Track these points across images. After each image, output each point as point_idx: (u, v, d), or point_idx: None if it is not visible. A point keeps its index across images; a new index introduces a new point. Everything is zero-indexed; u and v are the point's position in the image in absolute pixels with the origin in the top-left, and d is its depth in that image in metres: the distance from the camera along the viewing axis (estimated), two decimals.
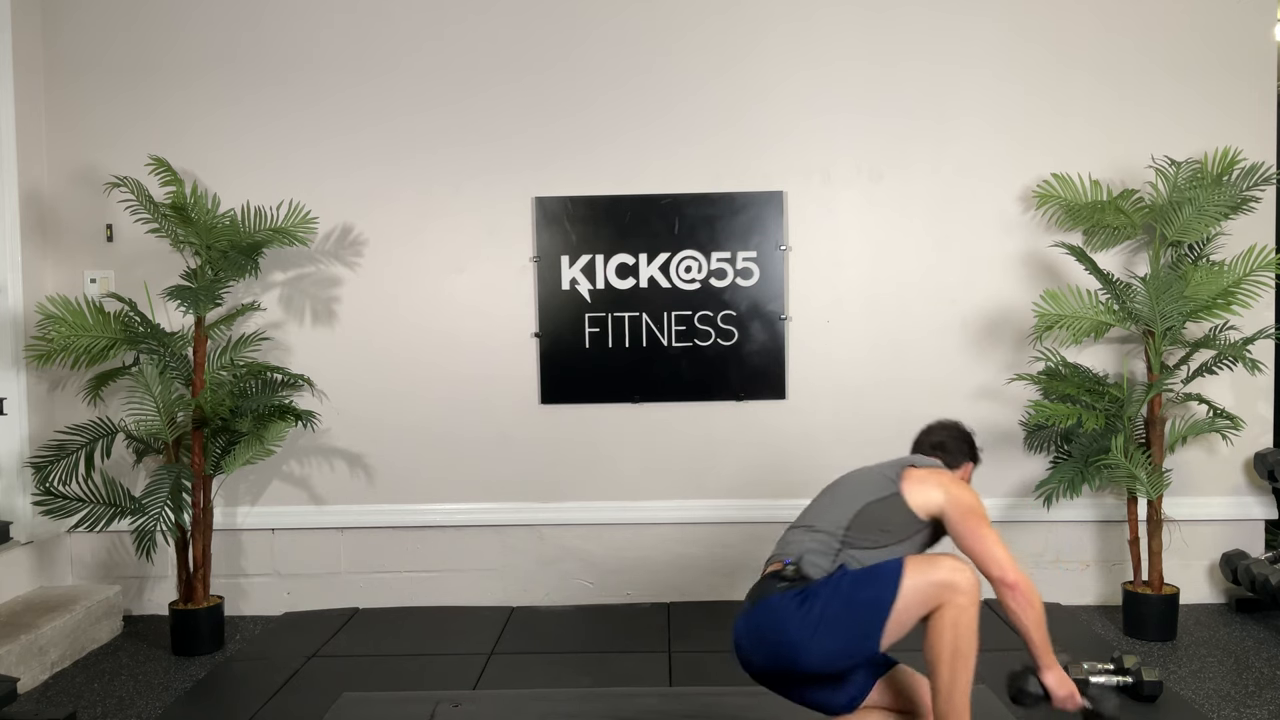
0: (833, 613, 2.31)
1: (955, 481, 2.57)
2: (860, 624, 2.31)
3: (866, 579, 2.35)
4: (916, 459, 2.71)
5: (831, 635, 2.31)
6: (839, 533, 2.49)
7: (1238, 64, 4.16)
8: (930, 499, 2.52)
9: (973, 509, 2.47)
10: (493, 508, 4.34)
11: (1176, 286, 3.71)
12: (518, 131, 4.27)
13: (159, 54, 4.26)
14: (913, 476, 2.57)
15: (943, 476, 2.59)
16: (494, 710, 3.04)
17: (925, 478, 2.57)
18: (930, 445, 2.84)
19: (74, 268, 4.28)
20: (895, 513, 2.52)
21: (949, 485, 2.54)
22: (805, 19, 4.22)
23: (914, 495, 2.53)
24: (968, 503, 2.49)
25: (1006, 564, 2.36)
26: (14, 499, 4.05)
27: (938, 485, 2.54)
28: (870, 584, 2.33)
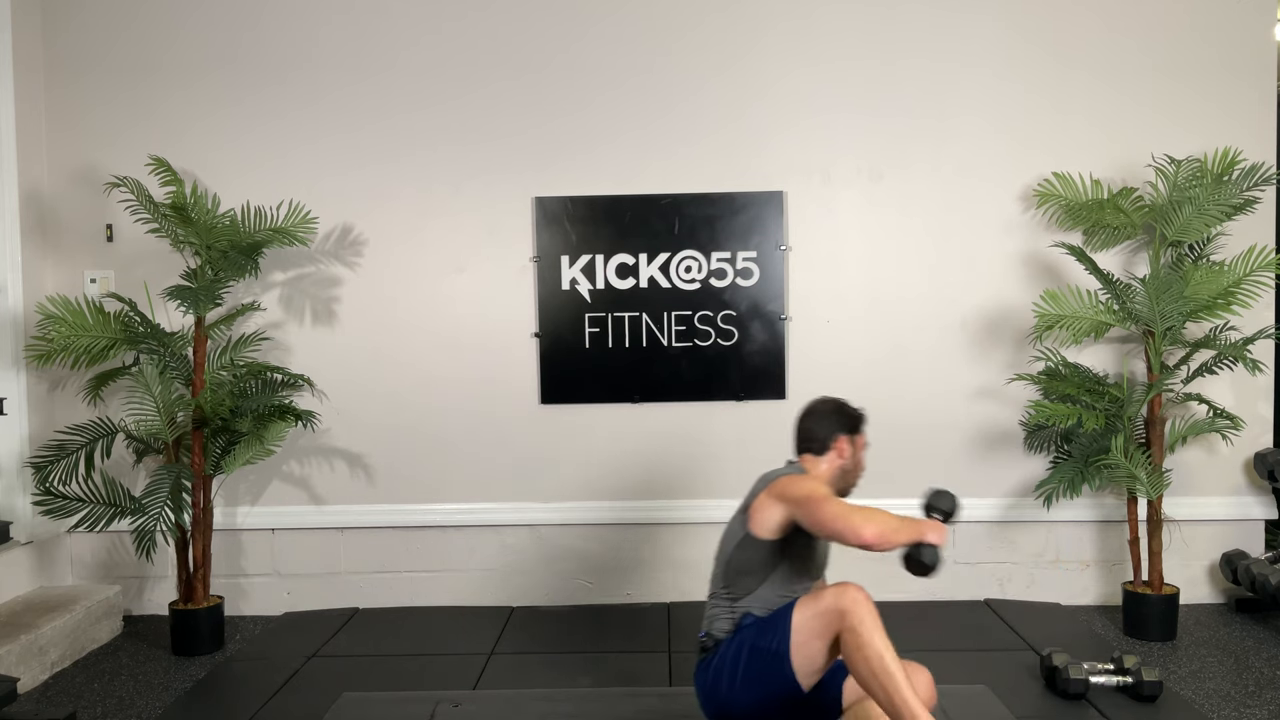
0: (744, 666, 2.45)
1: (791, 482, 2.55)
2: (770, 669, 2.43)
3: (764, 627, 2.47)
4: (771, 475, 2.66)
5: (750, 686, 2.45)
6: (723, 592, 2.61)
7: (1238, 64, 4.16)
8: (771, 519, 2.55)
9: (807, 496, 2.47)
10: (493, 508, 4.34)
11: (1176, 286, 3.71)
12: (517, 131, 4.27)
13: (159, 54, 4.26)
14: (755, 508, 2.59)
15: (776, 486, 2.56)
16: (494, 710, 3.03)
17: (763, 503, 2.57)
18: (800, 441, 2.78)
19: (74, 268, 4.28)
20: (751, 551, 2.57)
21: (784, 490, 2.53)
22: (805, 17, 4.22)
23: (760, 526, 2.57)
24: (801, 494, 2.49)
25: (857, 526, 2.33)
26: (14, 499, 4.05)
27: (773, 500, 2.55)
28: (766, 632, 2.46)
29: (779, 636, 2.42)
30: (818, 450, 2.72)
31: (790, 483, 2.55)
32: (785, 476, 2.59)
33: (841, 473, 2.72)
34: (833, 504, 2.42)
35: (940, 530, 2.43)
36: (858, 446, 2.74)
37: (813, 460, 2.72)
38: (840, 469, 2.71)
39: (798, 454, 2.77)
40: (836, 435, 2.71)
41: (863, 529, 2.33)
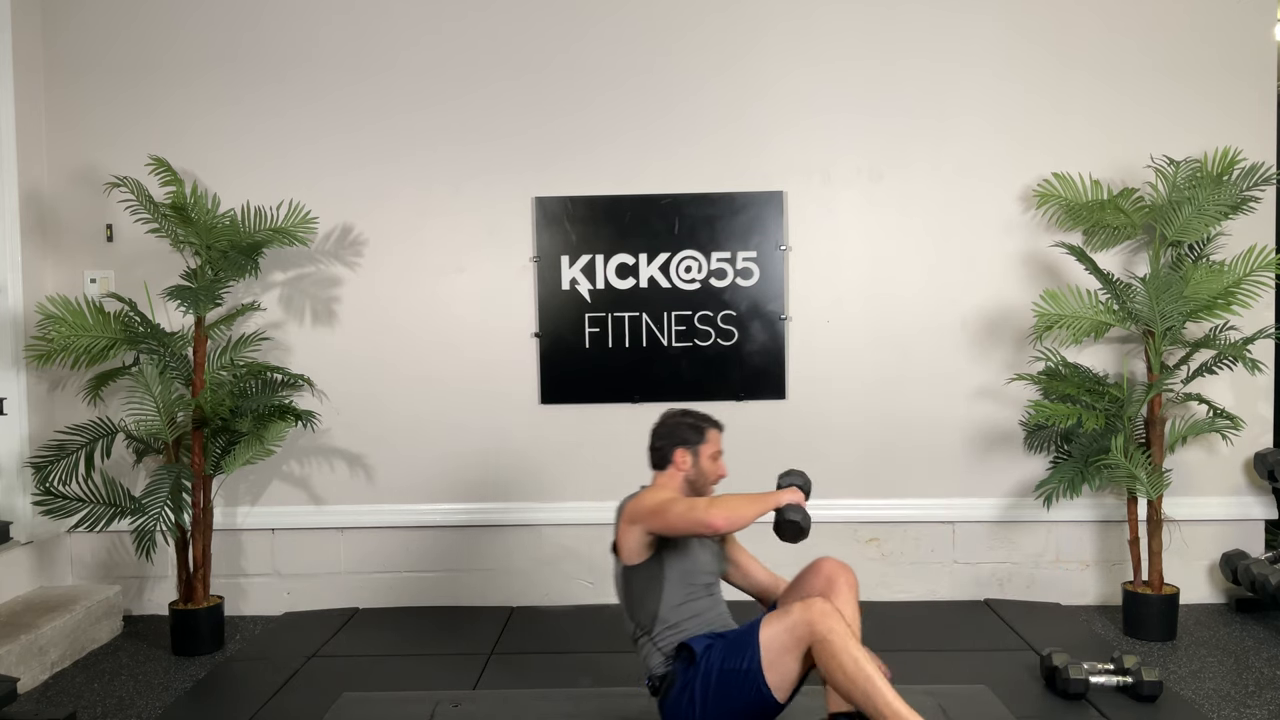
0: (715, 689, 2.49)
1: (636, 502, 2.66)
2: (744, 687, 2.46)
3: (731, 649, 2.51)
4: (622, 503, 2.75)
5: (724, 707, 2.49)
6: (637, 632, 2.70)
7: (1238, 64, 4.16)
8: (632, 543, 2.66)
9: (652, 508, 2.59)
10: (493, 508, 4.34)
11: (1176, 286, 3.71)
12: (517, 131, 4.27)
13: (159, 53, 4.26)
14: (619, 541, 2.71)
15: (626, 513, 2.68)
16: (494, 710, 3.04)
17: (622, 533, 2.69)
18: (651, 456, 2.86)
19: (74, 268, 4.28)
20: (635, 581, 2.69)
21: (633, 512, 2.65)
22: (805, 17, 4.22)
23: (628, 555, 2.69)
24: (646, 508, 2.61)
25: (703, 516, 2.48)
26: (14, 499, 4.05)
27: (627, 526, 2.66)
28: (733, 653, 2.50)
29: (748, 655, 2.47)
30: (661, 465, 2.82)
31: (635, 503, 2.67)
32: (631, 499, 2.70)
33: (688, 484, 2.79)
34: (677, 504, 2.55)
35: (794, 493, 2.60)
36: (702, 455, 2.79)
37: (660, 476, 2.82)
38: (685, 480, 2.79)
39: (652, 470, 2.87)
40: (674, 449, 2.79)
41: (710, 517, 2.47)
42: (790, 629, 2.42)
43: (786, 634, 2.43)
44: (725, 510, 2.48)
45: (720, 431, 2.85)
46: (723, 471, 2.83)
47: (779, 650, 2.44)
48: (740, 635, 2.54)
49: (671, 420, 2.83)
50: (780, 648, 2.43)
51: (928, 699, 2.98)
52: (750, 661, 2.45)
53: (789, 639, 2.43)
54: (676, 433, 2.79)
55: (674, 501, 2.57)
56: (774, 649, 2.44)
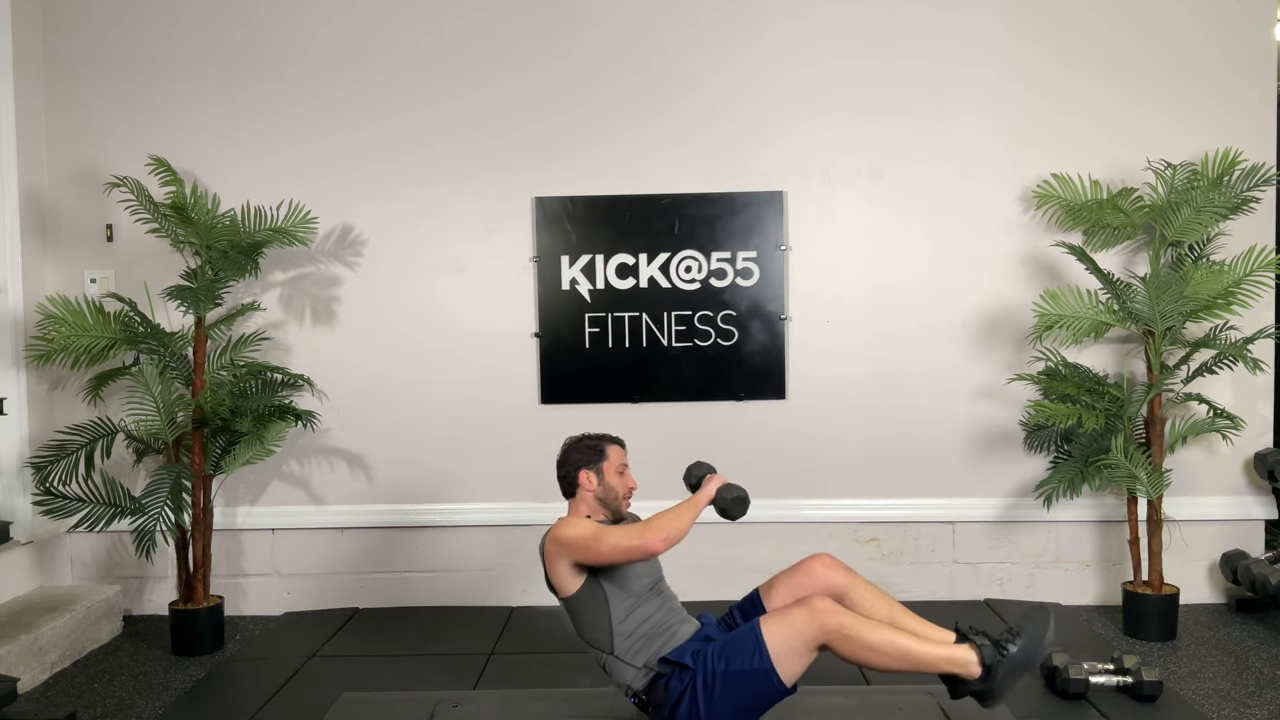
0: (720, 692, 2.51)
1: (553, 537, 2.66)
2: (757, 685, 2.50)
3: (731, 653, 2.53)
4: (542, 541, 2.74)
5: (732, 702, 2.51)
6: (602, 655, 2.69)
7: (1239, 63, 4.16)
8: (562, 574, 2.68)
9: (578, 544, 2.61)
10: (492, 508, 4.34)
11: (1176, 286, 3.71)
12: (517, 131, 4.26)
13: (160, 53, 4.26)
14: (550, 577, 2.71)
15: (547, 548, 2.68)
16: (494, 710, 3.04)
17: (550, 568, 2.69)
18: (560, 485, 2.87)
19: (74, 268, 4.28)
20: (580, 609, 2.69)
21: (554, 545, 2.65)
22: (803, 17, 4.22)
23: (563, 588, 2.69)
24: (568, 539, 2.62)
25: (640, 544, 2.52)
26: (14, 499, 4.05)
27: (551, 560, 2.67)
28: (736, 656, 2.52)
29: (756, 655, 2.49)
30: (570, 493, 2.83)
31: (553, 537, 2.66)
32: (548, 534, 2.69)
33: (600, 503, 2.80)
34: (608, 536, 2.57)
35: (715, 479, 2.70)
36: (607, 472, 2.80)
37: (573, 504, 2.83)
38: (597, 499, 2.80)
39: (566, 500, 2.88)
40: (577, 471, 2.80)
41: (647, 543, 2.51)
42: (799, 633, 2.47)
43: (796, 638, 2.47)
44: (660, 531, 2.52)
45: (622, 447, 2.88)
46: (631, 484, 2.85)
47: (789, 650, 2.48)
48: (740, 639, 2.56)
49: (569, 446, 2.86)
50: (789, 649, 2.48)
51: (928, 699, 2.99)
52: (760, 661, 2.48)
53: (799, 641, 2.47)
54: (575, 457, 2.82)
55: (603, 534, 2.58)
56: (782, 649, 2.48)
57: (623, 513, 2.84)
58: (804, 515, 4.27)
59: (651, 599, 2.74)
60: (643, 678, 2.65)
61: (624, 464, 2.85)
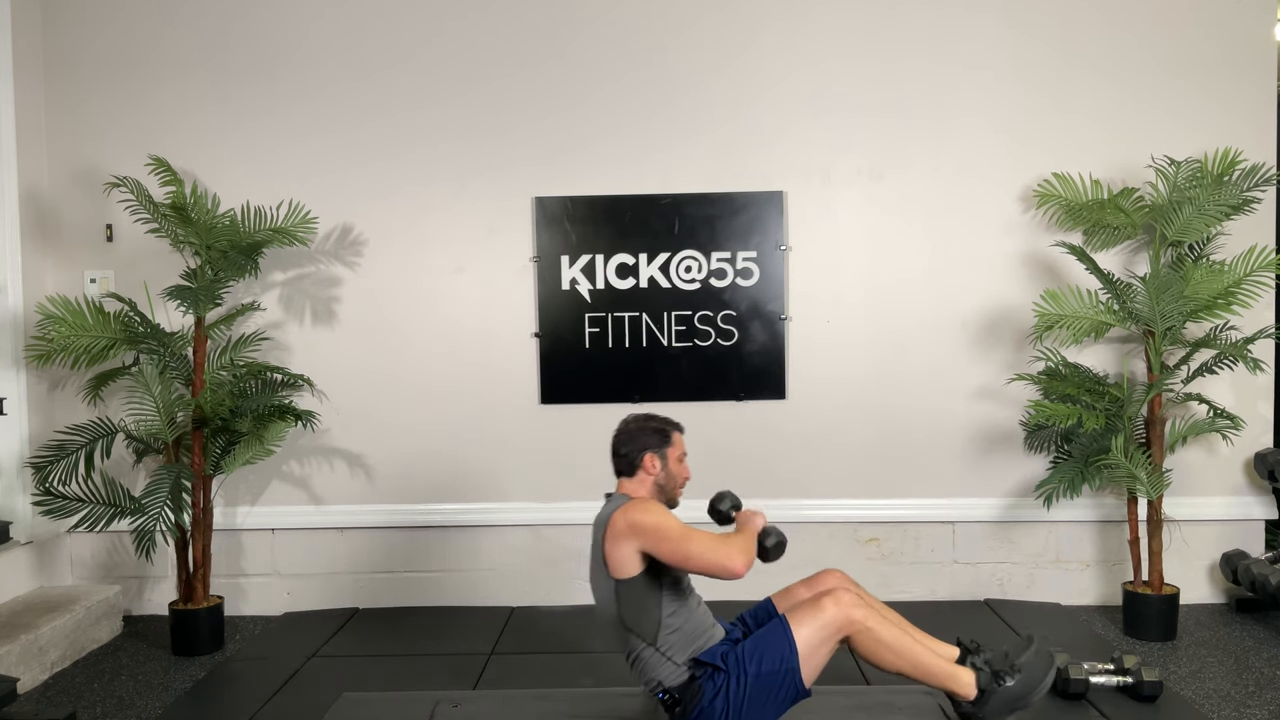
0: (750, 694, 2.54)
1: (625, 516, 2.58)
2: (783, 686, 2.55)
3: (763, 651, 2.56)
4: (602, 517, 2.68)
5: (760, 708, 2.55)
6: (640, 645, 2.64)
7: (1240, 62, 4.16)
8: (626, 558, 2.59)
9: (657, 532, 2.53)
10: (492, 508, 4.34)
11: (1176, 286, 3.71)
12: (517, 130, 4.26)
13: (157, 50, 4.26)
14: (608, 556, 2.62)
15: (615, 526, 2.59)
16: (494, 710, 3.03)
17: (612, 548, 2.60)
18: (615, 466, 2.81)
19: (74, 268, 4.28)
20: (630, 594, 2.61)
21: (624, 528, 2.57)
22: (802, 16, 4.22)
23: (621, 570, 2.60)
24: (648, 526, 2.55)
25: (728, 562, 2.48)
26: (14, 499, 4.05)
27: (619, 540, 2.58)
28: (766, 656, 2.55)
29: (786, 654, 2.54)
30: (629, 472, 2.77)
31: (632, 521, 2.57)
32: (618, 512, 2.62)
33: (658, 488, 2.76)
34: (695, 541, 2.51)
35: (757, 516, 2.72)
36: (670, 459, 2.77)
37: (629, 483, 2.77)
38: (655, 485, 2.76)
39: (617, 478, 2.81)
40: (642, 454, 2.74)
41: (733, 564, 2.48)
42: (826, 624, 2.55)
43: (823, 629, 2.55)
44: (744, 557, 2.51)
45: (683, 434, 2.84)
46: (687, 474, 2.82)
47: (815, 645, 2.55)
48: (768, 637, 2.59)
49: (635, 425, 2.79)
50: (817, 642, 2.55)
51: (927, 699, 2.99)
52: (788, 660, 2.53)
53: (826, 633, 2.55)
54: (642, 438, 2.76)
55: (691, 536, 2.53)
56: (810, 645, 2.55)
57: (677, 501, 2.81)
58: (804, 515, 4.27)
59: (690, 596, 2.75)
60: (679, 675, 2.63)
61: (684, 453, 2.82)
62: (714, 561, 2.48)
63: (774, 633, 2.58)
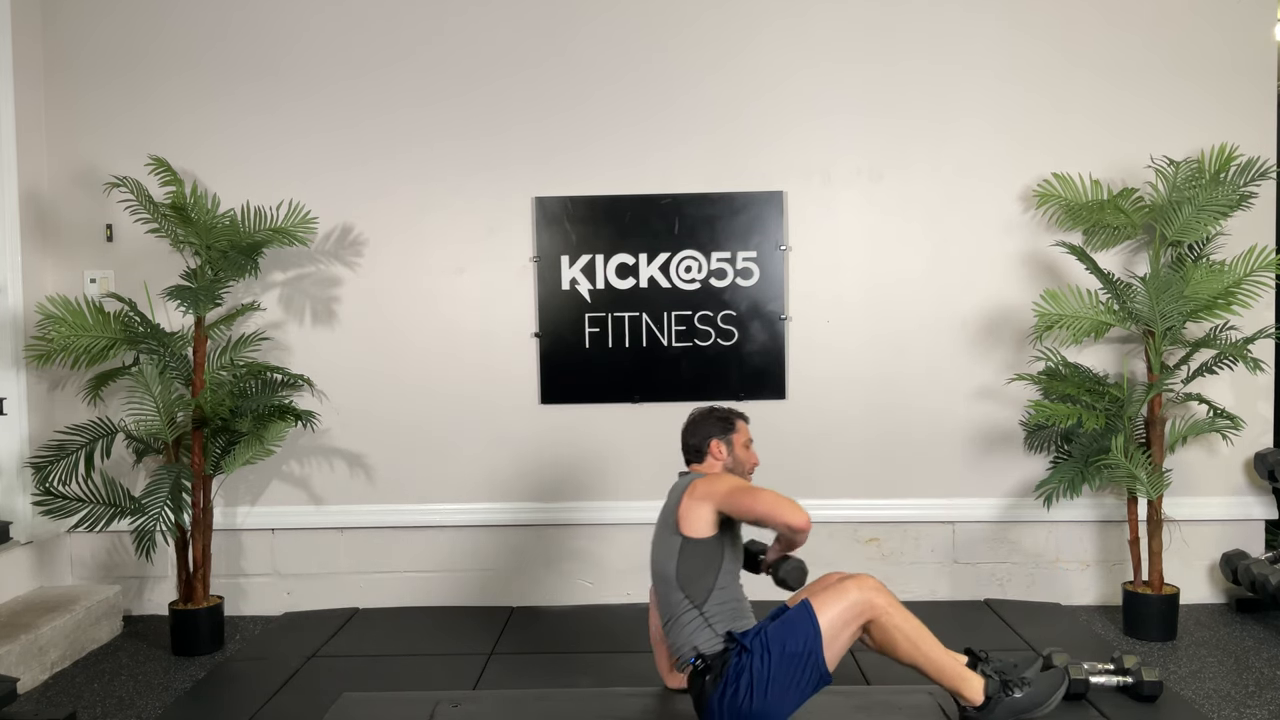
0: (774, 674, 2.59)
1: (710, 482, 2.74)
2: (807, 669, 2.60)
3: (786, 633, 2.62)
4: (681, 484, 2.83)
5: (784, 690, 2.60)
6: (685, 605, 2.72)
7: (1240, 62, 4.16)
8: (703, 518, 2.72)
9: (732, 489, 2.70)
10: (493, 508, 4.34)
11: (1176, 286, 3.71)
12: (517, 129, 4.26)
13: (161, 51, 4.26)
14: (683, 515, 2.74)
15: (697, 490, 2.74)
16: (494, 710, 3.03)
17: (690, 507, 2.73)
18: (685, 454, 2.98)
19: (74, 268, 4.28)
20: (695, 555, 2.73)
21: (708, 490, 2.72)
22: (801, 15, 4.22)
23: (694, 529, 2.72)
24: (725, 488, 2.69)
25: (793, 516, 2.59)
26: (14, 499, 4.05)
27: (698, 501, 2.72)
28: (792, 637, 2.61)
29: (809, 637, 2.60)
30: (698, 459, 2.93)
31: (709, 482, 2.74)
32: (699, 480, 2.76)
33: (727, 473, 2.89)
34: (763, 493, 2.64)
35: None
36: (735, 445, 2.93)
37: (700, 468, 2.91)
38: (725, 469, 2.90)
39: (687, 465, 2.98)
40: (708, 441, 2.92)
41: (797, 518, 2.59)
42: (850, 605, 2.61)
43: (846, 610, 2.61)
44: (806, 516, 2.60)
45: (748, 423, 3.00)
46: (755, 459, 2.98)
47: (838, 628, 2.61)
48: (792, 621, 2.64)
49: (700, 416, 2.97)
50: (840, 624, 2.61)
51: (928, 699, 2.99)
52: (812, 643, 2.59)
53: (849, 614, 2.61)
54: (707, 427, 2.93)
55: (757, 490, 2.66)
56: (833, 627, 2.61)
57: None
58: None
59: (739, 585, 2.83)
60: (715, 644, 2.69)
61: (750, 439, 2.97)
62: (786, 511, 2.59)
63: (798, 615, 2.64)
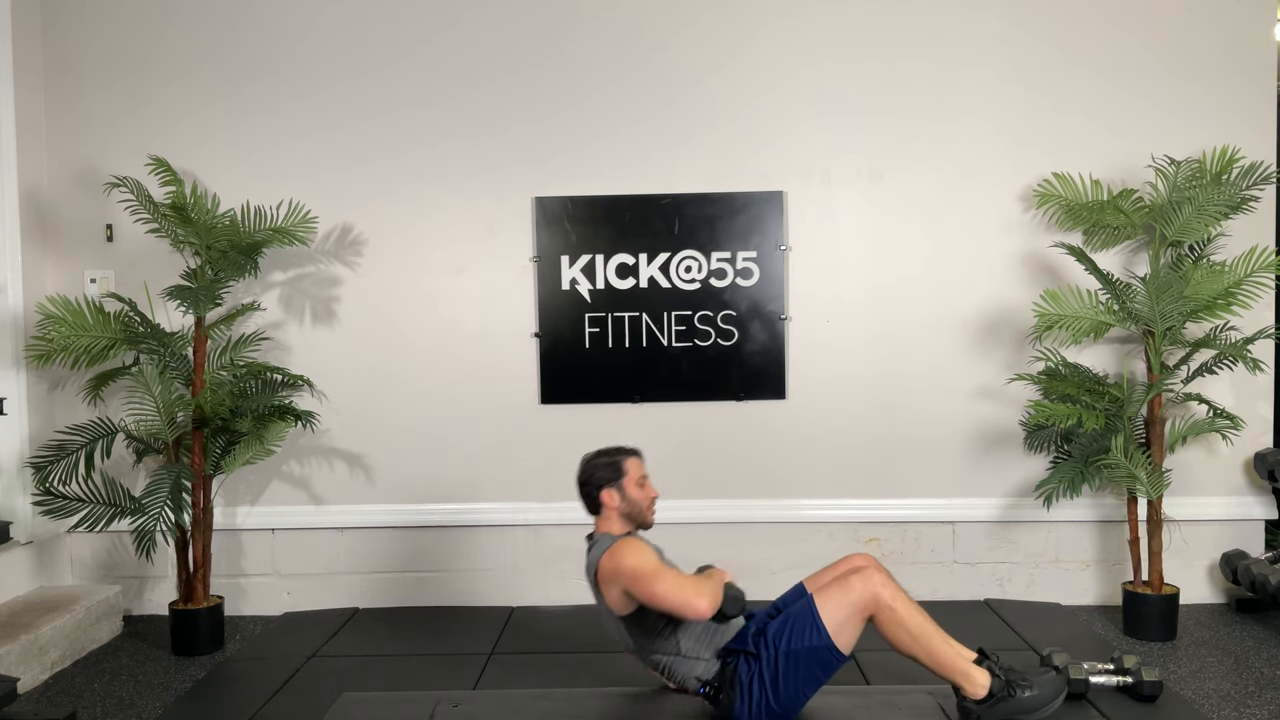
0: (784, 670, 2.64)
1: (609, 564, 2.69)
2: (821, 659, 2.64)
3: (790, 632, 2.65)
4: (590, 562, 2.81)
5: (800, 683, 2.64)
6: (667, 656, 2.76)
7: (1240, 62, 4.16)
8: (619, 599, 2.72)
9: (633, 575, 2.63)
10: (493, 508, 4.34)
11: (1176, 286, 3.71)
12: (516, 130, 4.26)
13: (161, 53, 4.26)
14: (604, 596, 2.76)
15: (602, 573, 2.73)
16: (494, 710, 3.03)
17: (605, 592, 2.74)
18: (587, 511, 2.95)
19: (74, 268, 4.28)
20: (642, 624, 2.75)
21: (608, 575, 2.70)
22: (801, 14, 4.22)
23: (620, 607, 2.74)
24: (627, 573, 2.66)
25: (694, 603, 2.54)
26: (14, 499, 4.05)
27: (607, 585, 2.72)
28: (797, 635, 2.65)
29: (815, 632, 2.63)
30: (596, 510, 2.90)
31: (612, 562, 2.69)
32: (601, 559, 2.74)
33: (626, 517, 2.87)
34: (662, 580, 2.59)
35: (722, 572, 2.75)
36: (628, 488, 2.87)
37: (600, 521, 2.90)
38: (622, 515, 2.87)
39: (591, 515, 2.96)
40: (599, 491, 2.88)
41: (698, 607, 2.54)
42: (854, 602, 2.63)
43: (850, 607, 2.63)
44: (708, 597, 2.57)
45: (639, 458, 2.94)
46: (652, 493, 2.91)
47: (845, 620, 2.63)
48: (797, 618, 2.66)
49: (588, 466, 2.92)
50: (845, 619, 2.63)
51: (928, 699, 2.99)
52: (820, 637, 2.62)
53: (853, 610, 2.63)
54: (596, 476, 2.89)
55: (659, 575, 2.61)
56: (838, 621, 2.63)
57: (649, 522, 2.90)
58: (804, 515, 4.27)
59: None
60: (711, 668, 2.72)
61: (643, 475, 2.92)
62: (682, 599, 2.56)
63: (800, 612, 2.67)
